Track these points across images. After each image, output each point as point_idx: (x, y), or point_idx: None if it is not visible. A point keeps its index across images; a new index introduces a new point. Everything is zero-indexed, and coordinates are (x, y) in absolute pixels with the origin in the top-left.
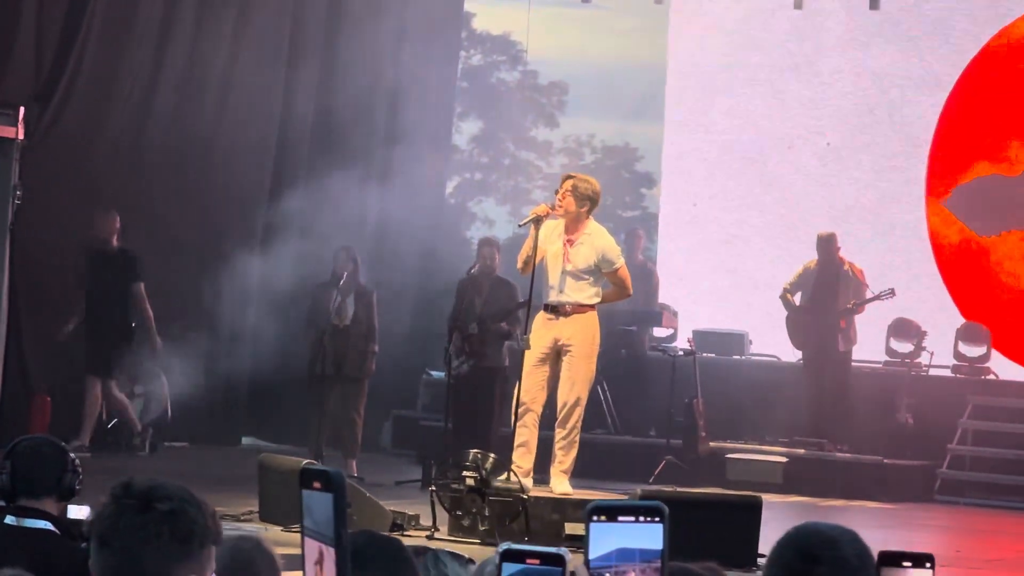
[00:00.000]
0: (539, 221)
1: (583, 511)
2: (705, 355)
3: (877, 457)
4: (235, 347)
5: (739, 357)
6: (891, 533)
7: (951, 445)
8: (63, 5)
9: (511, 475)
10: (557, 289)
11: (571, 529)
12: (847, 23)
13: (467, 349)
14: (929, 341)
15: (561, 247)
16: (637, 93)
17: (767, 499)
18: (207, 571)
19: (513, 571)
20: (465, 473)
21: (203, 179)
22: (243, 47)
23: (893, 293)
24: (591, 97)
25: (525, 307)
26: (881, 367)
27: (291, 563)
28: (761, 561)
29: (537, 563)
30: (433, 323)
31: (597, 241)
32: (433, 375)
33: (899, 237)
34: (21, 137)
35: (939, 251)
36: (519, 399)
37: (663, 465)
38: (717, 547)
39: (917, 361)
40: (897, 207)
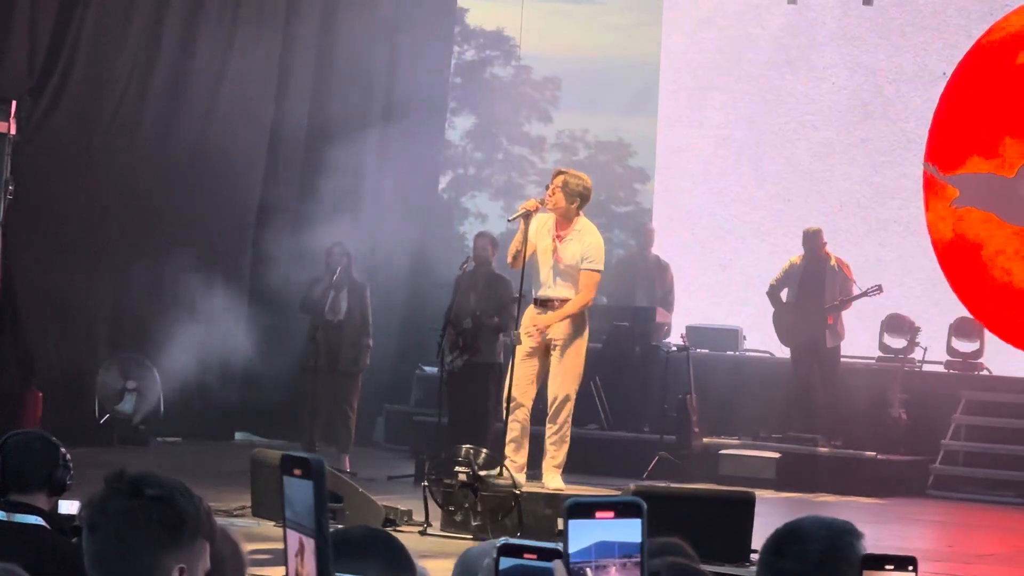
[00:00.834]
0: (529, 216)
1: (562, 508)
2: (699, 351)
3: (870, 453)
4: (228, 342)
5: (733, 353)
6: (884, 528)
7: (944, 440)
8: (56, 0)
9: (503, 470)
10: (546, 284)
11: None
12: (841, 18)
13: (460, 344)
14: (922, 336)
15: (551, 243)
16: (631, 88)
17: (760, 495)
18: (199, 565)
19: (510, 565)
20: (457, 468)
21: (197, 172)
22: (237, 38)
23: (880, 290)
24: (585, 92)
25: (516, 302)
26: (874, 363)
27: (278, 558)
28: (754, 557)
29: (534, 558)
30: (426, 318)
31: (586, 238)
32: (426, 370)
33: (893, 232)
34: (13, 132)
35: (933, 246)
36: (509, 394)
37: (656, 461)
38: (710, 543)
39: (910, 357)
40: (891, 202)
